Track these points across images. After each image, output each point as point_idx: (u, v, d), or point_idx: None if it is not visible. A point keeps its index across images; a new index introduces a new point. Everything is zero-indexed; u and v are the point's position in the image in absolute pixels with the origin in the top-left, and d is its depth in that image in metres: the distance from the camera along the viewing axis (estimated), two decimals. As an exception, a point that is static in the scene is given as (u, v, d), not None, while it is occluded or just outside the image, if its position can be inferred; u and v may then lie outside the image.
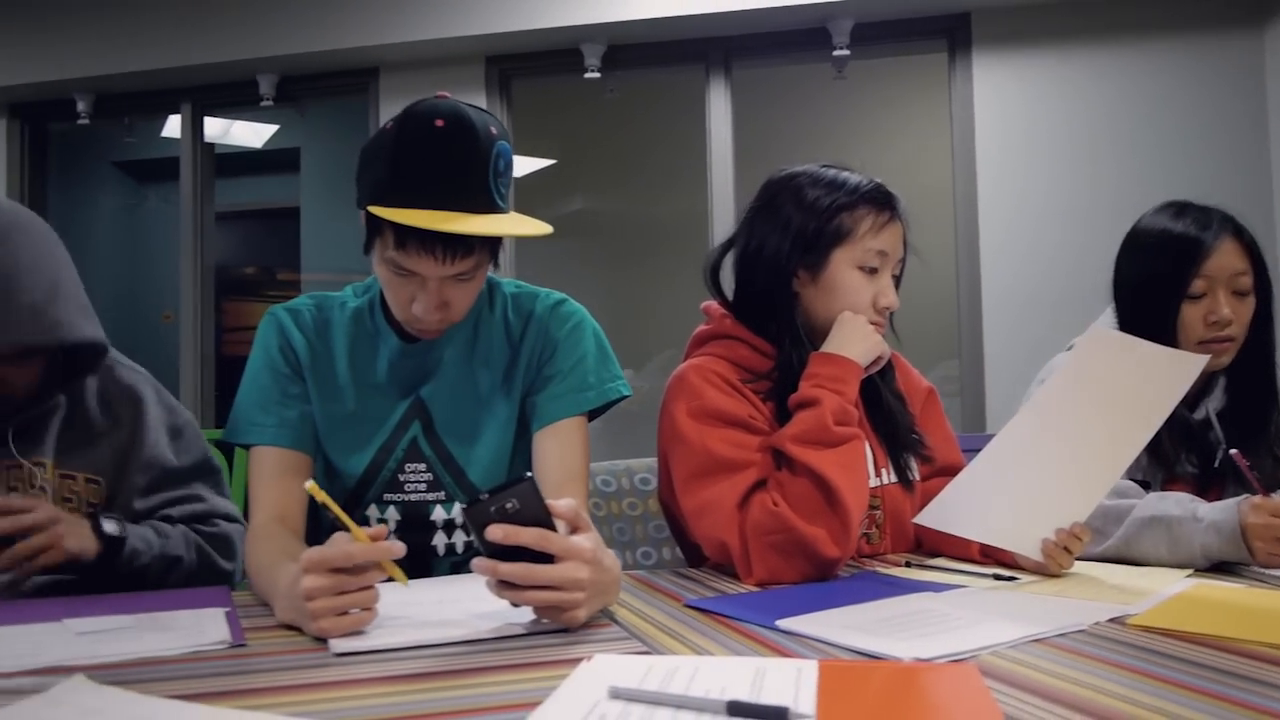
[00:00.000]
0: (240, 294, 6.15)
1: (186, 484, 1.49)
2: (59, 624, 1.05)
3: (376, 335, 1.41)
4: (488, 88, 3.85)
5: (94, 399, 1.45)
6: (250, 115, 4.91)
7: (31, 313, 1.27)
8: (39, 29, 4.13)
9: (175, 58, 3.98)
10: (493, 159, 1.22)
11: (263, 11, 3.88)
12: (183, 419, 1.54)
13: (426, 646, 0.94)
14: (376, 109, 3.96)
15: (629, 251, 4.74)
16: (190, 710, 0.76)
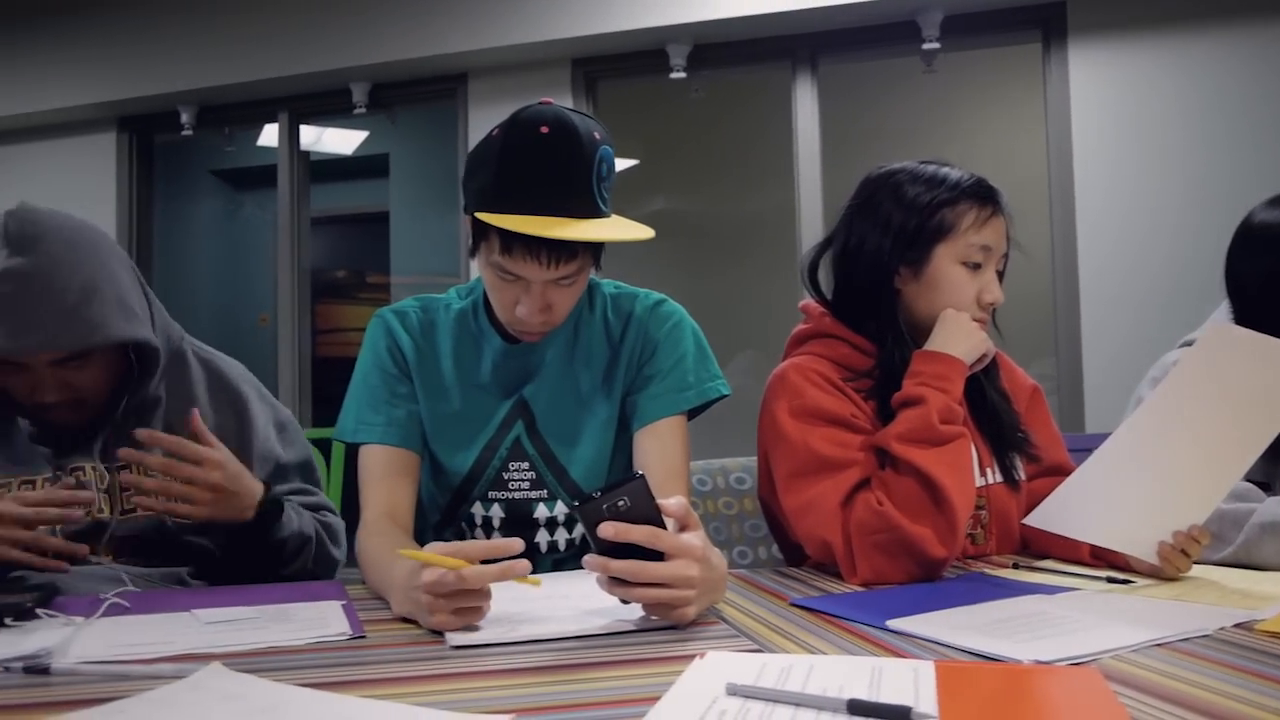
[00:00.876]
0: (332, 297, 6.31)
1: (292, 479, 1.55)
2: (188, 614, 1.10)
3: (480, 336, 1.44)
4: (574, 90, 3.89)
5: (203, 395, 1.51)
6: (343, 123, 5.04)
7: (66, 316, 1.29)
8: (146, 45, 4.31)
9: (273, 69, 4.11)
10: (596, 164, 1.24)
11: (356, 22, 3.98)
12: (284, 416, 1.60)
13: (541, 641, 0.96)
14: (465, 114, 4.03)
15: (711, 251, 4.73)
16: (321, 698, 0.78)
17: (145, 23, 4.32)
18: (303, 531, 1.44)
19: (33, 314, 1.27)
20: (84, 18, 4.42)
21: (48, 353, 1.31)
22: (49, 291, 1.28)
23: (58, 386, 1.34)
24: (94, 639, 0.99)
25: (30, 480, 1.39)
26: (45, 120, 4.62)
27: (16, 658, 0.90)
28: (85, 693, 0.82)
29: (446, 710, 0.75)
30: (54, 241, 1.31)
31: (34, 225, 1.31)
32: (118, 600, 1.15)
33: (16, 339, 1.27)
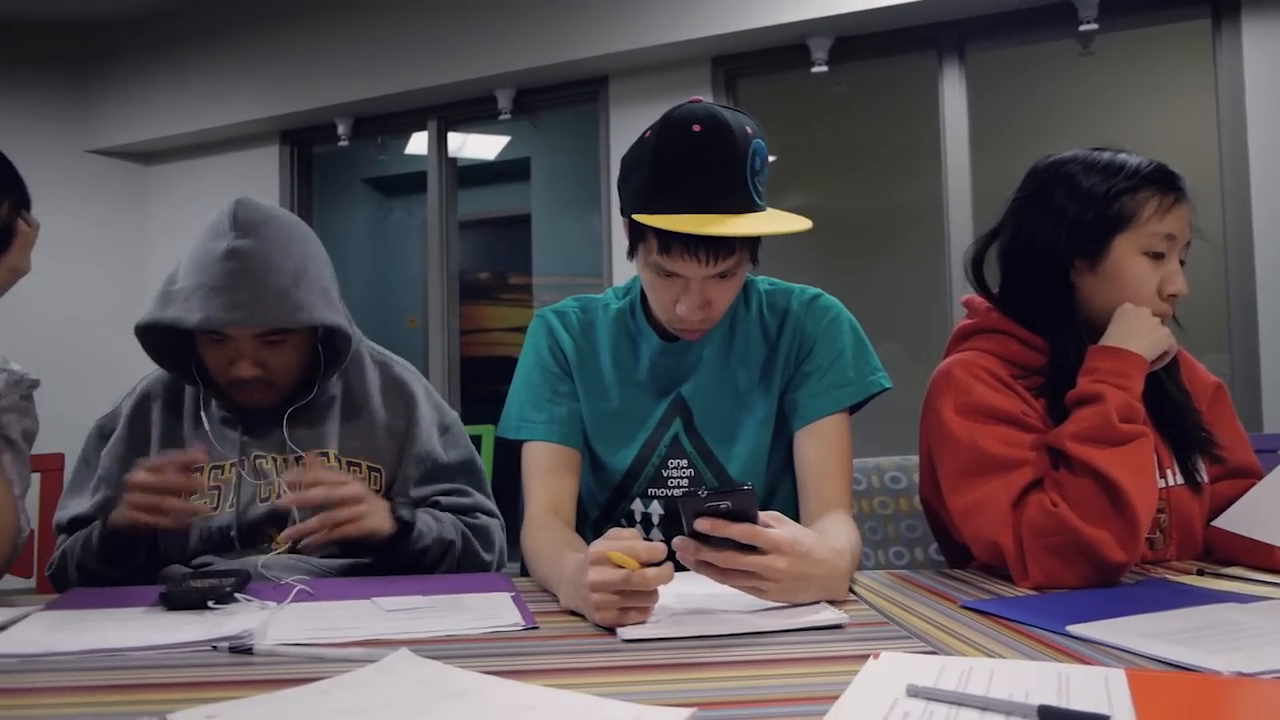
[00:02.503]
0: (476, 298, 6.50)
1: (454, 478, 1.60)
2: (370, 602, 1.15)
3: (638, 335, 1.46)
4: (714, 89, 3.88)
5: (375, 392, 1.58)
6: (488, 128, 5.18)
7: (277, 296, 1.41)
8: (306, 63, 4.53)
9: (423, 79, 4.26)
10: (749, 158, 1.23)
11: (501, 30, 4.09)
12: (450, 418, 1.65)
13: (711, 637, 0.97)
14: (606, 116, 4.08)
15: (853, 246, 4.65)
16: (506, 685, 0.81)
17: (305, 42, 4.54)
18: (443, 538, 1.48)
19: (249, 290, 1.38)
20: (250, 40, 4.68)
21: (255, 328, 1.41)
22: (267, 271, 1.40)
23: (254, 363, 1.44)
24: (288, 623, 1.05)
25: (219, 465, 1.49)
26: (215, 136, 4.91)
27: (223, 638, 0.96)
28: (286, 672, 0.87)
29: (625, 701, 0.76)
30: (273, 228, 1.44)
31: (258, 213, 1.44)
32: (304, 587, 1.22)
33: (232, 311, 1.38)
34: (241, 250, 1.40)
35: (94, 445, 1.57)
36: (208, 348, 1.47)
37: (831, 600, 1.08)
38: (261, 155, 4.88)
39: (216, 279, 1.39)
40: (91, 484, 1.53)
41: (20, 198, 1.25)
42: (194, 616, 1.08)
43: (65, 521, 1.50)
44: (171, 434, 1.55)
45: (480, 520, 1.57)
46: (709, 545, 1.02)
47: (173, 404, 1.57)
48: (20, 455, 1.32)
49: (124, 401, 1.59)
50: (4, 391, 1.31)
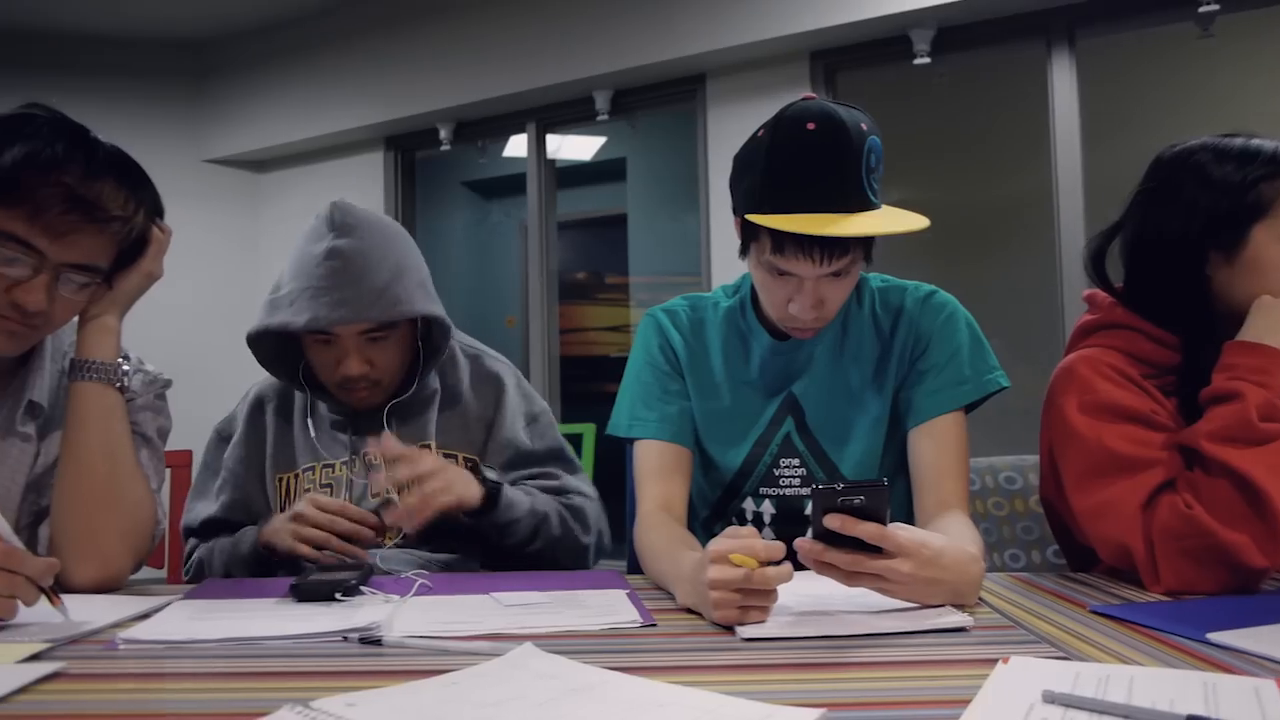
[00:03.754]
0: (573, 298, 6.57)
1: (540, 466, 1.61)
2: (489, 597, 1.18)
3: (749, 334, 1.45)
4: (813, 84, 3.84)
5: (466, 385, 1.62)
6: (586, 130, 5.22)
7: (378, 292, 1.45)
8: (409, 71, 4.65)
9: (522, 82, 4.32)
10: (865, 155, 1.22)
11: (598, 32, 4.12)
12: (539, 409, 1.67)
13: (831, 638, 0.96)
14: (704, 114, 4.08)
15: (958, 241, 4.53)
16: (631, 681, 0.81)
17: (408, 50, 4.65)
18: (535, 509, 1.48)
19: (352, 288, 1.44)
20: (354, 50, 4.82)
21: (359, 324, 1.46)
22: (366, 268, 1.45)
23: (360, 360, 1.49)
24: (412, 615, 1.08)
25: (330, 464, 1.54)
26: (323, 144, 5.08)
27: (353, 629, 0.99)
28: (414, 664, 0.89)
29: (751, 700, 0.76)
30: (369, 228, 1.50)
31: (353, 215, 1.50)
32: (425, 581, 1.25)
33: (336, 309, 1.43)
34: (341, 249, 1.45)
35: (215, 449, 1.64)
36: (315, 349, 1.52)
37: (958, 605, 1.06)
38: (367, 161, 5.02)
39: (319, 280, 1.44)
40: (215, 487, 1.60)
41: (155, 206, 1.31)
42: (322, 608, 1.12)
43: (196, 524, 1.57)
44: (283, 437, 1.61)
45: (574, 500, 1.57)
46: (834, 545, 1.00)
47: (284, 408, 1.63)
48: (156, 452, 1.38)
49: (239, 406, 1.66)
50: (140, 391, 1.37)
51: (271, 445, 1.60)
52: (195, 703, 0.81)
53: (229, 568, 1.50)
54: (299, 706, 0.73)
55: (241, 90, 5.21)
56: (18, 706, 0.79)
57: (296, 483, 1.56)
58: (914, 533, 1.03)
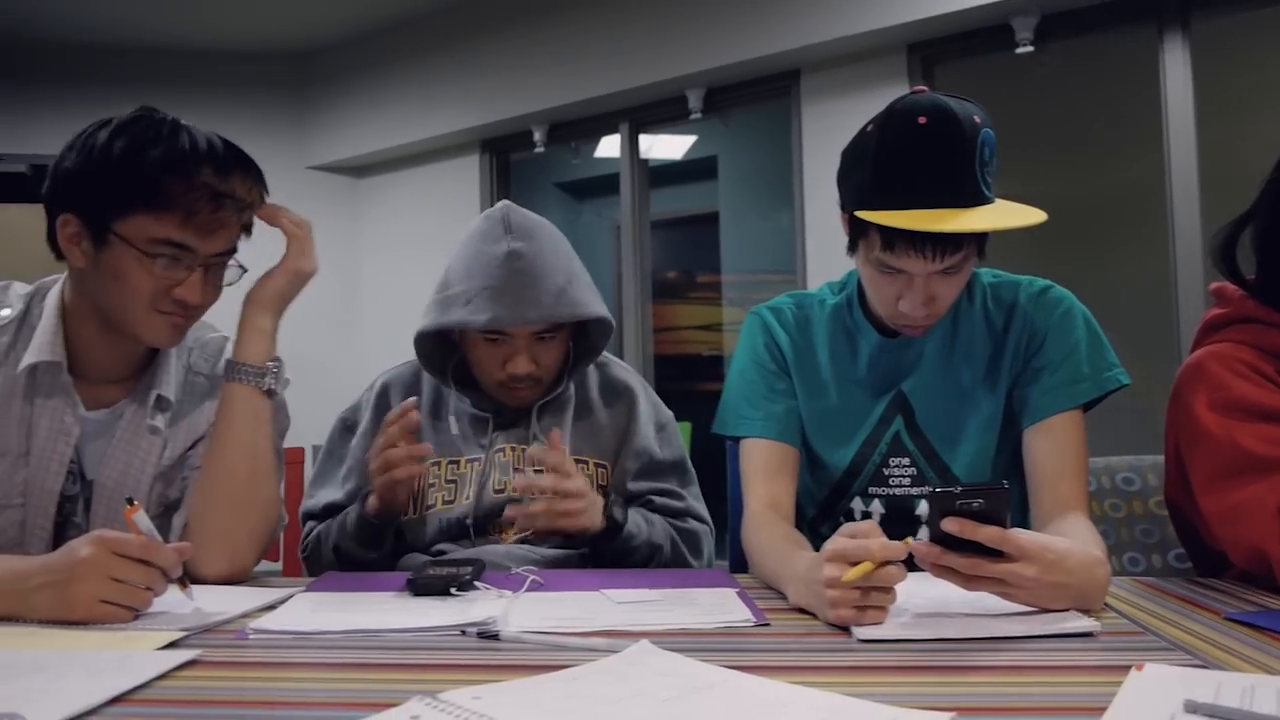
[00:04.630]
0: (664, 298, 6.59)
1: (667, 477, 1.62)
2: (600, 594, 1.18)
3: (856, 331, 1.43)
4: (910, 76, 3.77)
5: (596, 391, 1.63)
6: (678, 129, 5.23)
7: (556, 294, 1.49)
8: (504, 75, 4.72)
9: (616, 83, 4.34)
10: (978, 149, 1.19)
11: (691, 30, 4.11)
12: (665, 417, 1.69)
13: (952, 640, 0.94)
14: (798, 110, 4.03)
15: (1064, 233, 4.40)
16: (752, 681, 0.81)
17: (502, 55, 4.72)
18: (651, 541, 1.50)
19: (531, 290, 1.47)
20: (449, 57, 4.91)
21: (536, 325, 1.50)
22: (545, 272, 1.49)
23: (529, 359, 1.52)
24: (526, 610, 1.09)
25: (455, 461, 1.57)
26: (420, 148, 5.19)
27: (470, 624, 1.01)
28: (531, 658, 0.91)
29: (874, 703, 0.74)
30: (544, 232, 1.55)
31: (527, 218, 1.55)
32: (536, 578, 1.26)
33: (518, 309, 1.47)
34: (521, 252, 1.48)
35: (339, 438, 1.68)
36: (482, 348, 1.54)
37: (1083, 610, 1.02)
38: (463, 165, 5.12)
39: (499, 280, 1.47)
40: (340, 474, 1.64)
41: (264, 186, 1.35)
42: (438, 602, 1.14)
43: (318, 509, 1.62)
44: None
45: (690, 525, 1.59)
46: (953, 548, 0.98)
47: (410, 395, 1.66)
48: (276, 450, 1.43)
49: (365, 395, 1.70)
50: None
51: None
52: (325, 691, 0.84)
53: (337, 541, 1.53)
54: (428, 698, 0.74)
55: (341, 99, 5.36)
56: (159, 691, 0.83)
57: (422, 475, 1.59)
58: (1036, 536, 1.00)
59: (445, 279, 1.56)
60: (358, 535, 1.49)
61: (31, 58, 5.16)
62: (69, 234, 1.24)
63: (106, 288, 1.25)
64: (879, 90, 3.80)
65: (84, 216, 1.23)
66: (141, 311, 1.26)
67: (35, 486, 1.29)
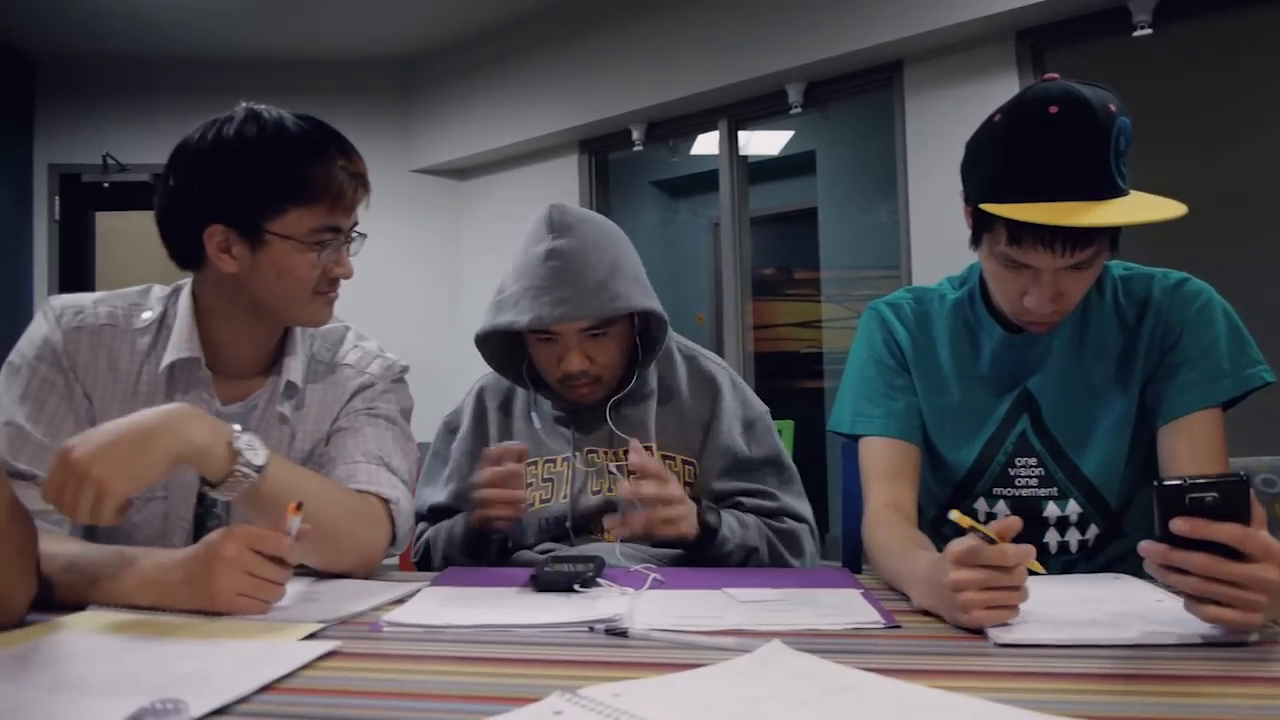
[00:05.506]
0: (761, 294, 6.54)
1: (758, 476, 1.60)
2: (721, 593, 1.18)
3: (978, 327, 1.39)
4: (1019, 65, 3.66)
5: (683, 387, 1.63)
6: (777, 124, 5.19)
7: (595, 289, 1.49)
8: (603, 75, 4.74)
9: (714, 79, 4.33)
10: (1113, 139, 1.14)
11: (791, 24, 4.07)
12: (756, 413, 1.66)
13: (1093, 646, 0.91)
14: (901, 102, 3.95)
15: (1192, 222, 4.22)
16: (891, 684, 0.79)
17: (600, 55, 4.75)
18: (745, 544, 1.49)
19: (571, 287, 1.49)
20: (547, 58, 4.97)
21: (579, 322, 1.51)
22: (584, 267, 1.50)
23: (581, 356, 1.53)
24: (650, 608, 1.09)
25: (552, 459, 1.59)
26: (520, 150, 5.26)
27: (598, 620, 1.02)
28: (661, 656, 0.91)
29: (1024, 710, 0.72)
30: (586, 227, 1.55)
31: (570, 215, 1.55)
32: (657, 575, 1.27)
33: (557, 307, 1.48)
34: (560, 249, 1.50)
35: (443, 440, 1.73)
36: (538, 347, 1.57)
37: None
38: (562, 165, 5.17)
39: (540, 279, 1.49)
40: (444, 476, 1.68)
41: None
42: (562, 598, 1.15)
43: (425, 509, 1.66)
44: (505, 431, 1.68)
45: (787, 525, 1.56)
46: (1182, 546, 0.89)
47: (505, 403, 1.70)
48: (402, 431, 1.46)
49: (466, 399, 1.74)
50: (380, 375, 1.46)
51: (495, 438, 1.67)
52: (461, 684, 0.85)
53: (447, 550, 1.57)
54: (567, 694, 0.75)
55: (444, 103, 5.47)
56: (304, 680, 0.86)
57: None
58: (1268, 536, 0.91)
59: (501, 282, 1.59)
60: (465, 546, 1.54)
61: (149, 72, 5.41)
62: (217, 243, 1.28)
63: (269, 284, 1.30)
64: (986, 80, 3.71)
65: (234, 225, 1.28)
66: (305, 297, 1.33)
67: (176, 479, 1.34)
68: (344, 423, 1.41)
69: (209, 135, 1.29)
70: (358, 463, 1.36)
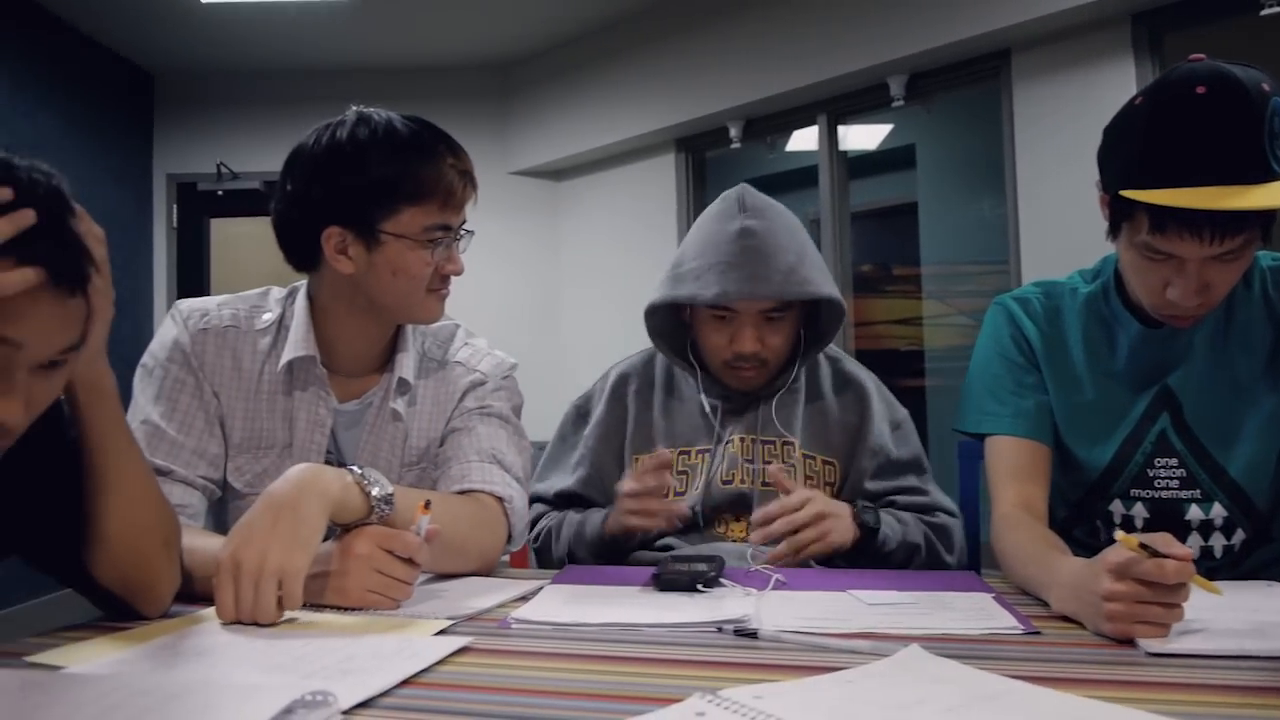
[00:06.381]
0: (858, 292, 6.43)
1: (906, 476, 1.58)
2: (847, 594, 1.16)
3: (1113, 321, 1.34)
4: (1135, 49, 3.51)
5: (828, 389, 1.61)
6: (878, 118, 5.09)
7: (785, 272, 1.50)
8: (700, 74, 4.73)
9: (813, 74, 4.27)
10: (1267, 120, 1.08)
11: (893, 15, 3.99)
12: (900, 415, 1.65)
13: (1251, 658, 0.86)
14: (1009, 92, 3.83)
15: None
16: (1040, 693, 0.76)
17: (696, 53, 4.73)
18: (907, 541, 1.46)
19: (762, 266, 1.50)
20: (642, 58, 4.97)
21: (765, 301, 1.52)
22: (776, 250, 1.51)
23: (755, 338, 1.54)
24: (777, 609, 1.08)
25: (686, 451, 1.58)
26: (616, 150, 5.28)
27: (726, 621, 1.01)
28: (794, 659, 0.89)
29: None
30: (775, 213, 1.56)
31: (761, 199, 1.58)
32: (780, 577, 1.25)
33: (747, 284, 1.50)
34: (754, 229, 1.51)
35: (571, 424, 1.73)
36: (709, 325, 1.57)
37: None
38: (658, 164, 5.17)
39: (730, 256, 1.50)
40: (572, 460, 1.68)
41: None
42: (685, 598, 1.14)
43: (550, 495, 1.67)
44: (643, 419, 1.66)
45: (940, 519, 1.54)
46: None
47: (645, 389, 1.69)
48: (516, 429, 1.47)
49: (599, 384, 1.73)
50: (491, 372, 1.47)
51: (631, 426, 1.67)
52: (598, 683, 0.84)
53: (573, 546, 1.57)
54: (708, 695, 0.74)
55: (541, 105, 5.52)
56: (439, 676, 0.87)
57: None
58: None
59: (679, 256, 1.59)
60: (596, 548, 1.54)
61: (258, 84, 5.61)
62: (335, 245, 1.32)
63: (385, 284, 1.33)
64: (1100, 67, 3.57)
65: (350, 226, 1.31)
66: (420, 295, 1.35)
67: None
68: (458, 423, 1.43)
69: (323, 139, 1.32)
70: (471, 461, 1.37)
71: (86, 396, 1.01)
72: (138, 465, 1.07)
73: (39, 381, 0.90)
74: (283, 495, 1.08)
